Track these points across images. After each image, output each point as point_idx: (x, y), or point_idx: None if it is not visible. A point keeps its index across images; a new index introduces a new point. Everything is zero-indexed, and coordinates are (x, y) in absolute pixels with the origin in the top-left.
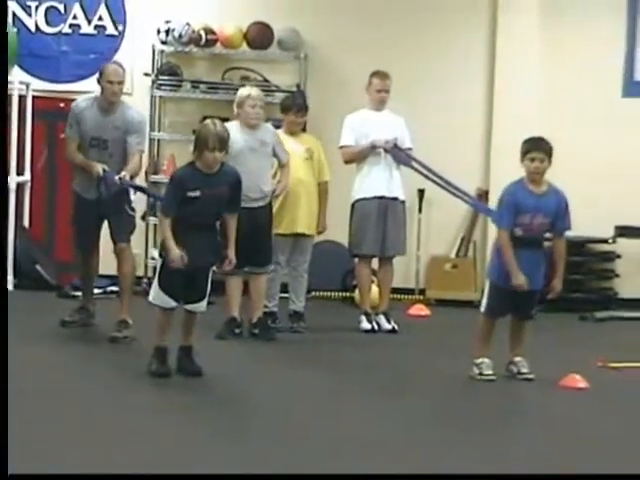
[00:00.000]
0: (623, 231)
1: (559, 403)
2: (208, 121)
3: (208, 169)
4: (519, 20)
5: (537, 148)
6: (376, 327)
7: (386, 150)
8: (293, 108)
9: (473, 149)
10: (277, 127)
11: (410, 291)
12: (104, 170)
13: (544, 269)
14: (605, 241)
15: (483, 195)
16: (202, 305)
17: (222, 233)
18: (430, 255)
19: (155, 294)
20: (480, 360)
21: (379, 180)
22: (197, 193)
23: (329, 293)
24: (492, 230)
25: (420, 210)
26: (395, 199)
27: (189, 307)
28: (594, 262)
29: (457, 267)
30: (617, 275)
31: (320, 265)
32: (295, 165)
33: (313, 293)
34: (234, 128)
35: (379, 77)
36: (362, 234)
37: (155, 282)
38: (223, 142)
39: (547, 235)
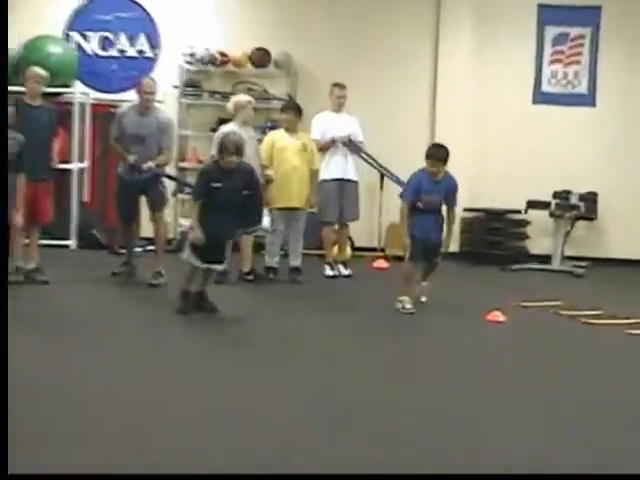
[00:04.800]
0: (532, 204)
1: (482, 332)
2: (229, 131)
3: (227, 167)
4: (456, 42)
5: (431, 157)
6: (337, 273)
7: (343, 143)
8: (291, 108)
9: (419, 143)
10: (274, 127)
11: (374, 249)
12: (135, 160)
13: (441, 231)
14: (519, 212)
15: None
16: (218, 267)
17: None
18: (389, 222)
19: (187, 254)
20: (403, 297)
21: (337, 166)
22: (219, 184)
23: (311, 251)
24: None
25: (382, 188)
26: (349, 180)
27: (209, 266)
28: (511, 227)
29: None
30: (528, 237)
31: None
32: (290, 155)
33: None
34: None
35: (338, 87)
36: (325, 206)
37: (187, 245)
38: (240, 149)
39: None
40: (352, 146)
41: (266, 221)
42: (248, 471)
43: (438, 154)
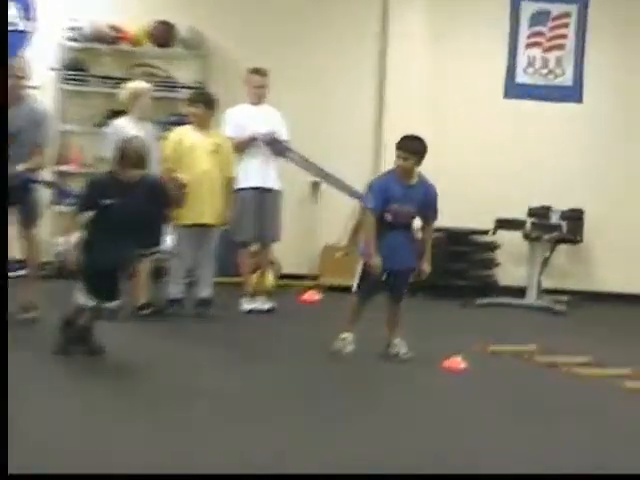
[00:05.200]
0: (503, 224)
1: (439, 383)
2: (131, 137)
3: (126, 181)
4: (410, 21)
5: (402, 147)
6: (256, 307)
7: (265, 142)
8: (202, 100)
9: (365, 144)
10: (181, 123)
11: (305, 277)
12: None
13: (413, 252)
14: (486, 232)
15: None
16: (111, 304)
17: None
18: (324, 244)
19: (76, 292)
20: (345, 335)
21: (256, 171)
22: (112, 201)
23: (226, 278)
24: None
25: (315, 201)
26: (270, 190)
27: (99, 305)
28: (476, 252)
29: (348, 255)
30: (497, 264)
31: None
32: (200, 157)
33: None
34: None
35: (258, 74)
36: (240, 222)
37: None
38: (144, 160)
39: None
40: (276, 146)
41: (168, 241)
42: None
43: (411, 145)
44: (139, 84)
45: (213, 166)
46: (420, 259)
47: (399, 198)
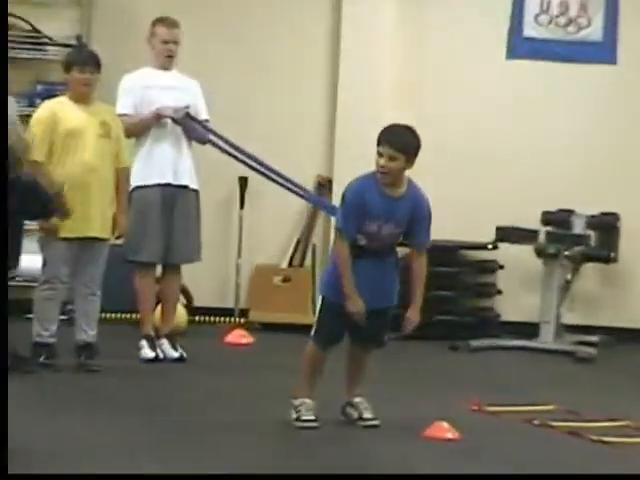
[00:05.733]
0: (506, 234)
1: (420, 459)
2: None
3: None
4: None
5: (386, 141)
6: (160, 355)
7: (175, 121)
8: (79, 63)
9: (314, 128)
10: (52, 95)
11: (228, 312)
12: None
13: (395, 284)
14: (484, 247)
15: (325, 185)
16: None
17: None
18: (255, 265)
19: None
20: (300, 401)
21: (164, 162)
22: None
23: (118, 315)
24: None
25: (242, 205)
26: (185, 187)
27: None
28: (470, 274)
29: (290, 280)
30: (498, 291)
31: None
32: (85, 145)
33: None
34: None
35: (165, 25)
36: (140, 234)
37: None
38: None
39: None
40: (193, 127)
41: (33, 263)
42: None
43: (400, 139)
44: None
45: (103, 156)
46: (407, 302)
47: (378, 215)
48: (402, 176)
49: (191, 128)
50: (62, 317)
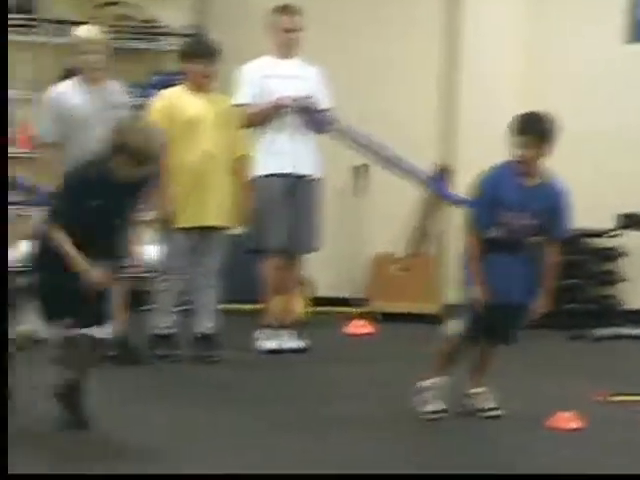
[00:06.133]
0: (631, 220)
1: (543, 449)
2: (144, 128)
3: (122, 180)
4: None
5: (523, 131)
6: (282, 345)
7: (296, 110)
8: (200, 53)
9: (431, 114)
10: (168, 85)
11: (348, 302)
12: None
13: (531, 282)
14: (605, 233)
15: (445, 174)
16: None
17: None
18: (373, 254)
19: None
20: (430, 382)
21: (285, 152)
22: (99, 202)
23: (238, 305)
24: (459, 217)
25: (358, 193)
26: (305, 177)
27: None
28: (591, 262)
29: (409, 269)
30: (622, 279)
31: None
32: (204, 134)
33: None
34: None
35: (287, 13)
36: (266, 223)
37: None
38: (156, 157)
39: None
40: (314, 117)
41: (152, 253)
42: None
43: (537, 126)
44: (85, 30)
45: (220, 145)
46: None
47: (513, 205)
48: (538, 165)
49: (312, 118)
50: (182, 307)
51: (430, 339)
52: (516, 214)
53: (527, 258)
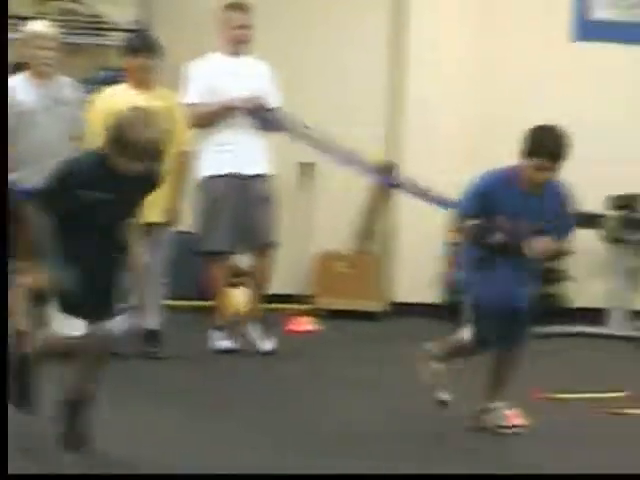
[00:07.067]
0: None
1: (487, 449)
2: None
3: (124, 173)
4: None
5: (544, 153)
6: (234, 345)
7: (249, 110)
8: (139, 48)
9: (380, 116)
10: (113, 81)
11: (292, 299)
12: None
13: (527, 286)
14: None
15: (390, 169)
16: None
17: None
18: (319, 251)
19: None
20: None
21: (234, 151)
22: (107, 195)
23: (182, 302)
24: (405, 215)
25: (304, 190)
26: (255, 175)
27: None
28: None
29: (355, 267)
30: (569, 277)
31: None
32: None
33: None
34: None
35: (238, 10)
36: (211, 225)
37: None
38: (159, 154)
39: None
40: (268, 117)
41: None
42: None
43: (560, 149)
44: (36, 25)
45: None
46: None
47: (514, 211)
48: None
49: (265, 118)
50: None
51: (374, 337)
52: (517, 220)
53: (528, 265)
